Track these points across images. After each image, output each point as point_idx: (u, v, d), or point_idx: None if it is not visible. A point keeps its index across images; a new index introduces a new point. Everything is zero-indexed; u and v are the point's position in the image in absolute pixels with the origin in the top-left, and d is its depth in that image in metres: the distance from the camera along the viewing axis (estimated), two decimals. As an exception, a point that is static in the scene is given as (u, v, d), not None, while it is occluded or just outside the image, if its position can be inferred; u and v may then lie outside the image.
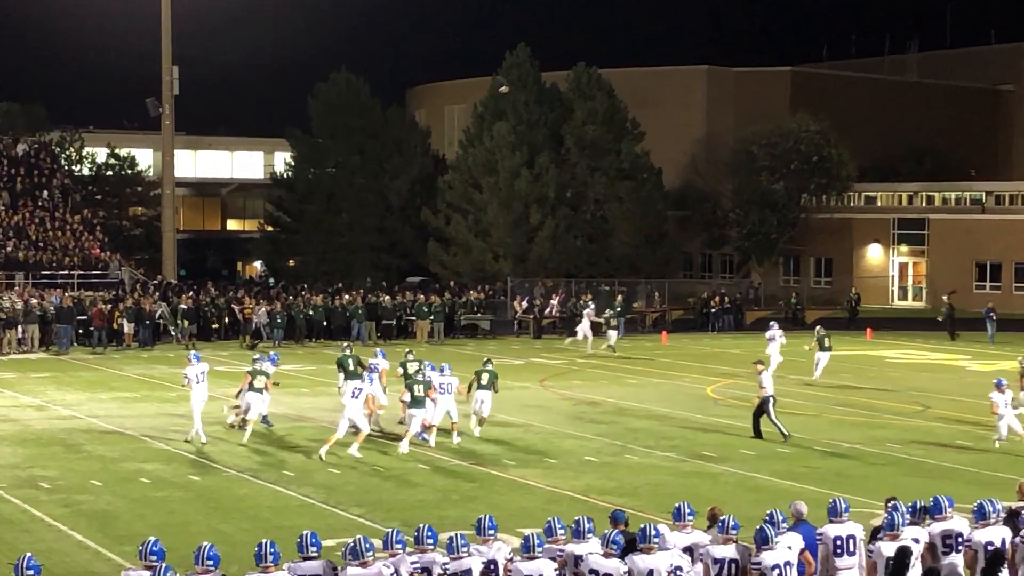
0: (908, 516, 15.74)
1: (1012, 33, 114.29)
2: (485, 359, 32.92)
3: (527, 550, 14.38)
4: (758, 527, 14.71)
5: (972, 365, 50.09)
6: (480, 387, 31.61)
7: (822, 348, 44.94)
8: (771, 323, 48.33)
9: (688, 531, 15.30)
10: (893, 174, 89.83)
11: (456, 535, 14.32)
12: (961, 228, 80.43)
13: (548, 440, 31.34)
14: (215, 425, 32.73)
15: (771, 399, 31.32)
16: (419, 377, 30.22)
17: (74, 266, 63.99)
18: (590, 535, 14.69)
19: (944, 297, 62.14)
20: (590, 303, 56.97)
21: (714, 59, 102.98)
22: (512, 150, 71.77)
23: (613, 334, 52.55)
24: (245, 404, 31.48)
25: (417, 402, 29.34)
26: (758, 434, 31.36)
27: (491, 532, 14.75)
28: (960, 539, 15.57)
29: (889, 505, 15.89)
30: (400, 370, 31.94)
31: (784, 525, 15.20)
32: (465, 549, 14.29)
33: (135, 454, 29.03)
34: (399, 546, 14.27)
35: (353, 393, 29.04)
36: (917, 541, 15.44)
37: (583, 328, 53.79)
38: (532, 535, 14.50)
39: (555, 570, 14.32)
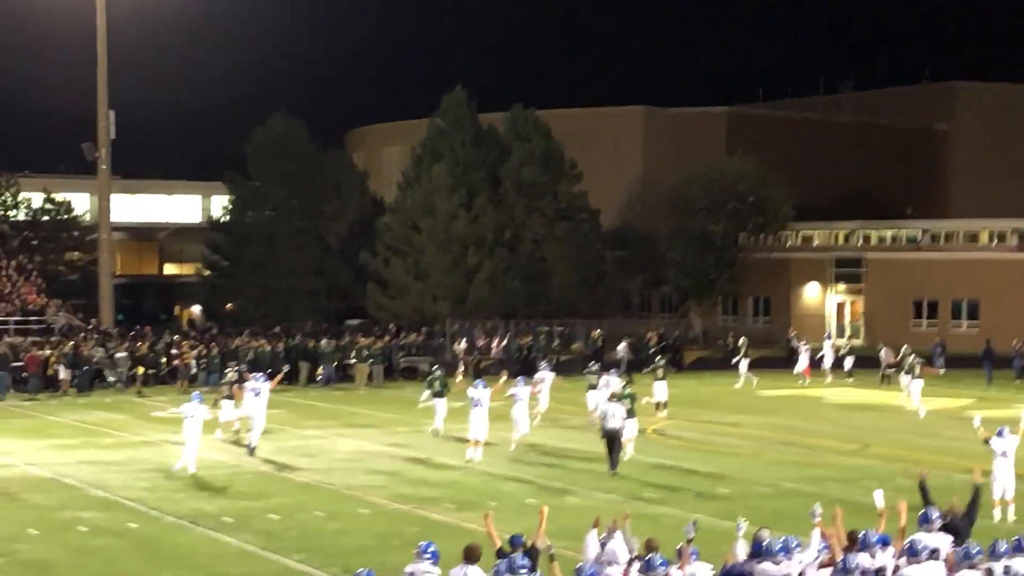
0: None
1: (945, 72, 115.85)
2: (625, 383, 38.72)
3: None
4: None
5: (910, 404, 50.32)
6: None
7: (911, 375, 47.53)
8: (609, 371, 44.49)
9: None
10: (829, 213, 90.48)
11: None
12: (897, 266, 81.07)
13: (488, 483, 31.25)
14: (152, 472, 32.56)
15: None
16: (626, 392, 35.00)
17: (11, 312, 63.38)
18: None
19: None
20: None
21: (651, 100, 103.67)
22: (450, 192, 71.80)
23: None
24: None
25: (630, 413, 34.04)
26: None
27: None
28: None
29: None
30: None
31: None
32: None
33: (72, 502, 28.70)
34: None
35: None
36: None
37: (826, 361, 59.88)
38: None
39: None
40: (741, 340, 60.52)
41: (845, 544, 16.61)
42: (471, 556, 15.62)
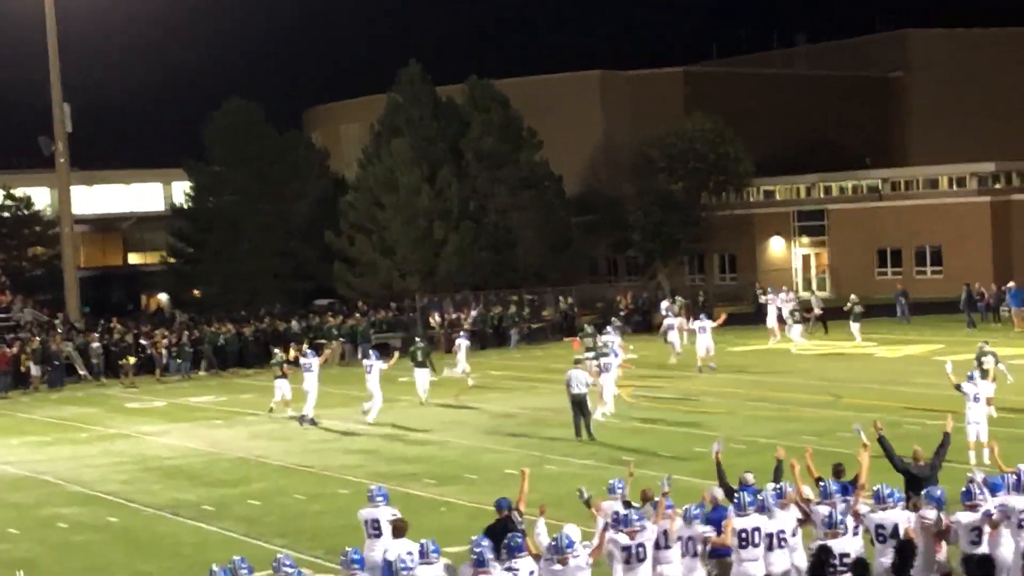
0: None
1: (897, 20, 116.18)
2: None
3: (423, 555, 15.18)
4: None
5: (879, 352, 50.67)
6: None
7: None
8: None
9: None
10: (790, 167, 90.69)
11: (399, 556, 14.67)
12: (860, 216, 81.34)
13: (467, 455, 31.38)
14: (128, 464, 32.55)
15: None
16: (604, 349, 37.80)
17: (-25, 311, 63.13)
18: None
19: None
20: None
21: (606, 64, 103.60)
22: (411, 166, 71.61)
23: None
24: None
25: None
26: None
27: (434, 555, 15.03)
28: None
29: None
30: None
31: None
32: (406, 572, 14.55)
33: (51, 499, 28.69)
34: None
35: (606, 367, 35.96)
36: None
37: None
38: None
39: None
40: (676, 299, 61.27)
41: (807, 498, 17.10)
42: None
